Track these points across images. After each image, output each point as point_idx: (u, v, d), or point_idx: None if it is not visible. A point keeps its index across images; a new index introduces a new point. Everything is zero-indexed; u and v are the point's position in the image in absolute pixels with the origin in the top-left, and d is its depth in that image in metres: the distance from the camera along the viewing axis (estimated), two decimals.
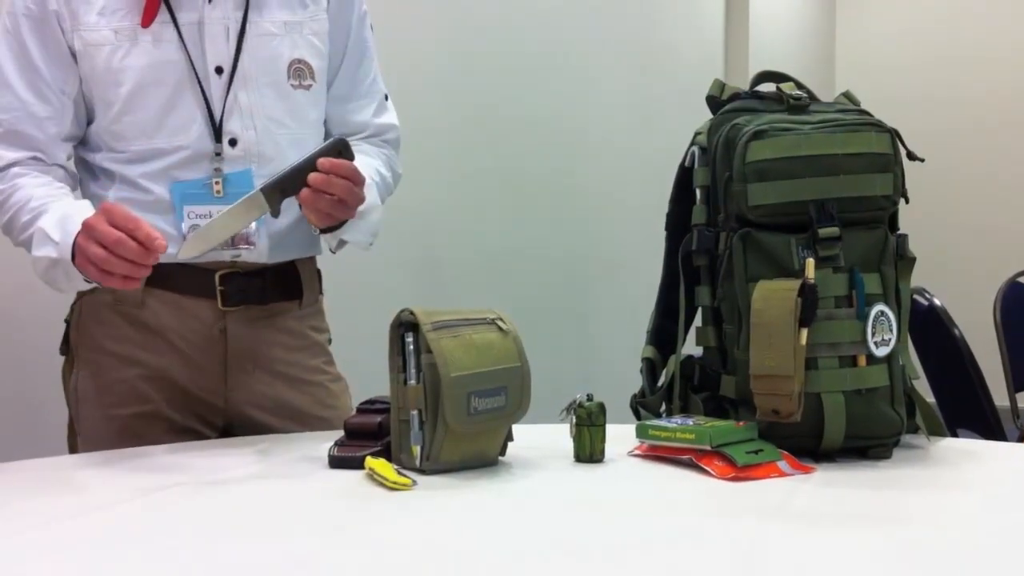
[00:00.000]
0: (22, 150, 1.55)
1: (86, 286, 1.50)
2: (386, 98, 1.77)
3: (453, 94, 3.18)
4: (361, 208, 1.53)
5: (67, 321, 1.67)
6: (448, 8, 3.16)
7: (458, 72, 3.19)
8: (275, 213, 1.44)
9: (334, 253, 1.68)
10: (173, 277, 1.56)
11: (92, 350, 1.62)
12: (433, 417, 1.29)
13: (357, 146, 1.68)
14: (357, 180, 1.47)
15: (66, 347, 1.66)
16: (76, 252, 1.39)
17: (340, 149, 1.45)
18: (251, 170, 1.57)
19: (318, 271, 1.73)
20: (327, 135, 1.70)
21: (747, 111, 1.46)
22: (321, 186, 1.42)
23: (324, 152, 1.44)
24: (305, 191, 1.43)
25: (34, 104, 1.54)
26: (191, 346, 1.61)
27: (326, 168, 1.42)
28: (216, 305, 1.60)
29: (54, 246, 1.43)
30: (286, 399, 1.67)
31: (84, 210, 1.44)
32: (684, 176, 1.54)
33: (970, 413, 2.37)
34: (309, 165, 1.42)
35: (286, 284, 1.66)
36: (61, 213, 1.46)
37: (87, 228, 1.36)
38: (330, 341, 1.76)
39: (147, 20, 1.53)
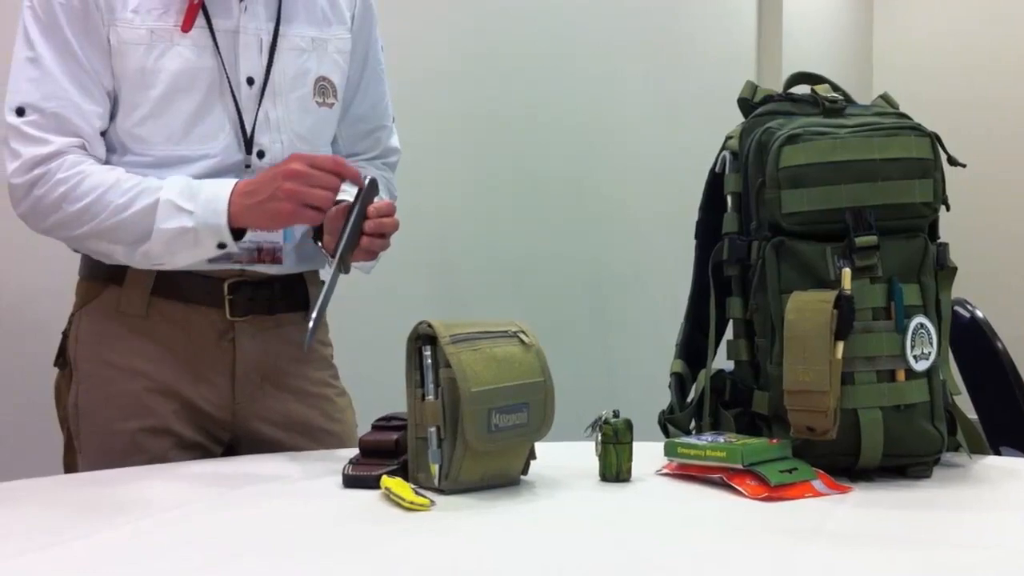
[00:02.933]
0: (68, 136, 1.50)
1: (208, 253, 1.49)
2: (392, 121, 1.81)
3: (470, 96, 3.15)
4: None
5: (64, 334, 1.62)
6: (465, 7, 3.13)
7: (475, 73, 3.17)
8: (347, 270, 1.48)
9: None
10: (180, 286, 1.55)
11: (94, 363, 1.58)
12: (452, 434, 1.27)
13: (363, 168, 1.71)
14: (393, 212, 1.52)
15: (63, 360, 1.62)
16: (269, 200, 1.44)
17: (375, 190, 1.51)
18: None
19: (322, 283, 1.71)
20: (334, 153, 1.71)
21: (780, 114, 1.44)
22: (376, 230, 1.48)
23: (371, 198, 1.49)
24: (365, 240, 1.47)
25: (78, 97, 1.50)
26: (198, 358, 1.58)
27: (374, 213, 1.48)
28: (224, 315, 1.58)
29: (188, 215, 1.46)
30: (294, 413, 1.65)
31: (192, 180, 1.48)
32: (714, 182, 1.52)
33: (1013, 430, 2.36)
34: (363, 215, 1.48)
35: (294, 295, 1.65)
36: (180, 186, 1.48)
37: (298, 176, 1.43)
38: (332, 355, 1.75)
39: (188, 24, 1.52)
